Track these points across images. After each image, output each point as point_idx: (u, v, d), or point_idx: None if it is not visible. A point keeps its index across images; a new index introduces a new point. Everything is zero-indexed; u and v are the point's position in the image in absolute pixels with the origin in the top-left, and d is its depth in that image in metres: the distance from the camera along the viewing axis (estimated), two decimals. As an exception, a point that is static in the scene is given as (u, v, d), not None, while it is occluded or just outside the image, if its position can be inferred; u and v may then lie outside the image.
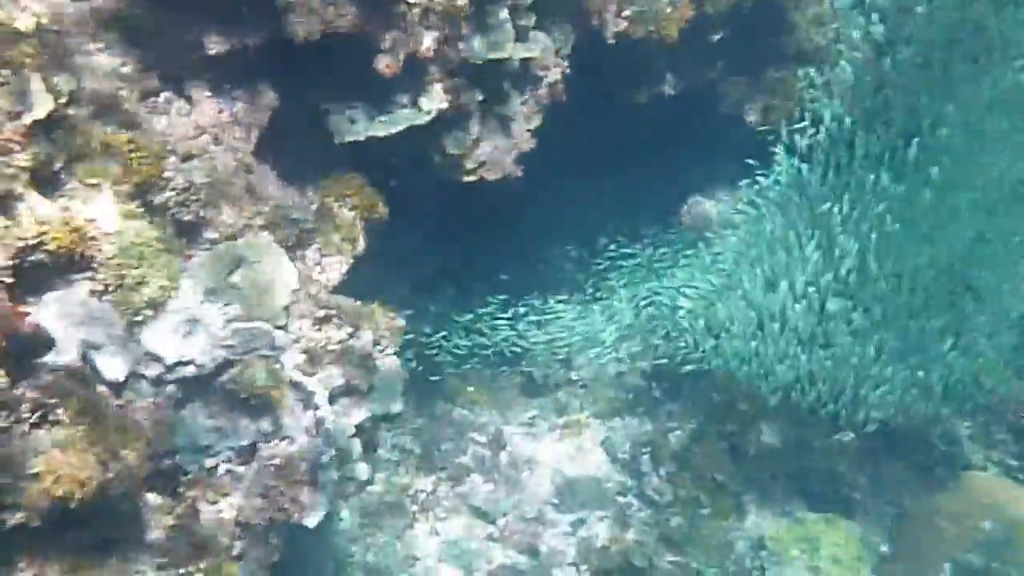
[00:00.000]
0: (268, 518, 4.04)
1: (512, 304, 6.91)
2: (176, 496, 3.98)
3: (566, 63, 5.76)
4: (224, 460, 4.05)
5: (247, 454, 4.10)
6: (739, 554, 6.11)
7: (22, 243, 3.41)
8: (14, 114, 3.48)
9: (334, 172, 4.99)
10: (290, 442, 4.13)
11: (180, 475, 4.00)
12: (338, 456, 4.35)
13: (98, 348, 3.66)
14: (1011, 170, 5.28)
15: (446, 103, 4.99)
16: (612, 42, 5.92)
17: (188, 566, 3.89)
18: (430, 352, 6.59)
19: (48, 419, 3.43)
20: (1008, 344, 5.68)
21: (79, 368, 3.56)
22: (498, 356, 6.90)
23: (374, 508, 6.19)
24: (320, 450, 4.17)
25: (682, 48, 6.21)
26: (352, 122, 4.84)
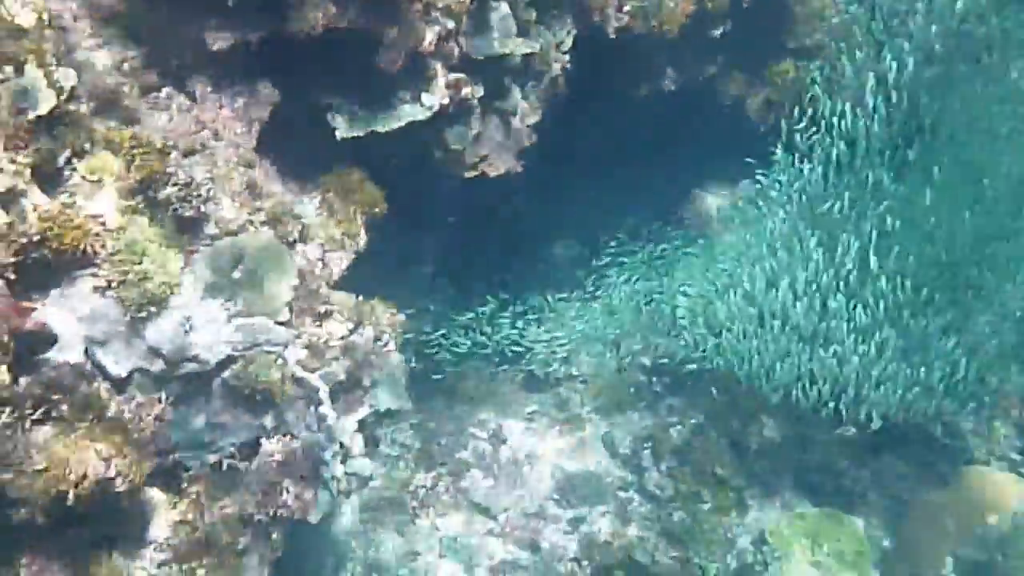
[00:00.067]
0: (270, 514, 4.06)
1: (512, 303, 6.91)
2: (179, 492, 3.99)
3: (567, 58, 5.76)
4: (227, 456, 4.05)
5: (249, 450, 4.10)
6: (741, 549, 6.12)
7: (25, 239, 3.41)
8: (17, 110, 3.48)
9: (335, 168, 4.98)
10: (292, 438, 4.13)
11: (182, 471, 4.00)
12: (340, 452, 4.35)
13: (101, 344, 3.66)
14: (1014, 168, 5.27)
15: (447, 98, 4.98)
16: (613, 37, 5.92)
17: (191, 562, 3.90)
18: (430, 351, 6.59)
19: (51, 415, 3.44)
20: (1010, 341, 5.67)
21: (82, 364, 3.56)
22: (499, 354, 6.90)
23: (375, 503, 6.20)
24: (322, 446, 4.17)
25: (683, 43, 6.20)
26: (353, 117, 4.83)
